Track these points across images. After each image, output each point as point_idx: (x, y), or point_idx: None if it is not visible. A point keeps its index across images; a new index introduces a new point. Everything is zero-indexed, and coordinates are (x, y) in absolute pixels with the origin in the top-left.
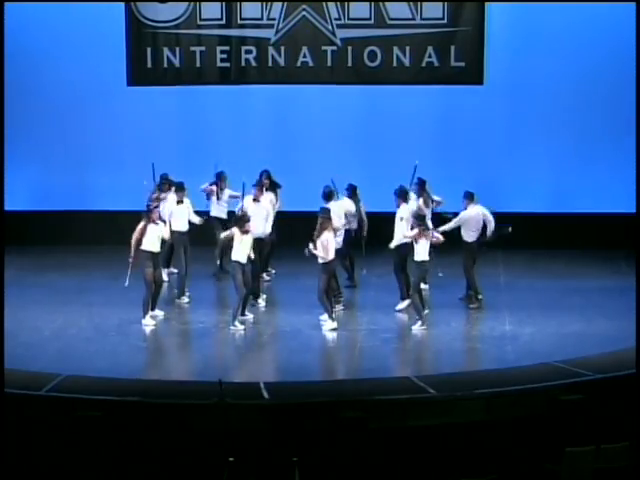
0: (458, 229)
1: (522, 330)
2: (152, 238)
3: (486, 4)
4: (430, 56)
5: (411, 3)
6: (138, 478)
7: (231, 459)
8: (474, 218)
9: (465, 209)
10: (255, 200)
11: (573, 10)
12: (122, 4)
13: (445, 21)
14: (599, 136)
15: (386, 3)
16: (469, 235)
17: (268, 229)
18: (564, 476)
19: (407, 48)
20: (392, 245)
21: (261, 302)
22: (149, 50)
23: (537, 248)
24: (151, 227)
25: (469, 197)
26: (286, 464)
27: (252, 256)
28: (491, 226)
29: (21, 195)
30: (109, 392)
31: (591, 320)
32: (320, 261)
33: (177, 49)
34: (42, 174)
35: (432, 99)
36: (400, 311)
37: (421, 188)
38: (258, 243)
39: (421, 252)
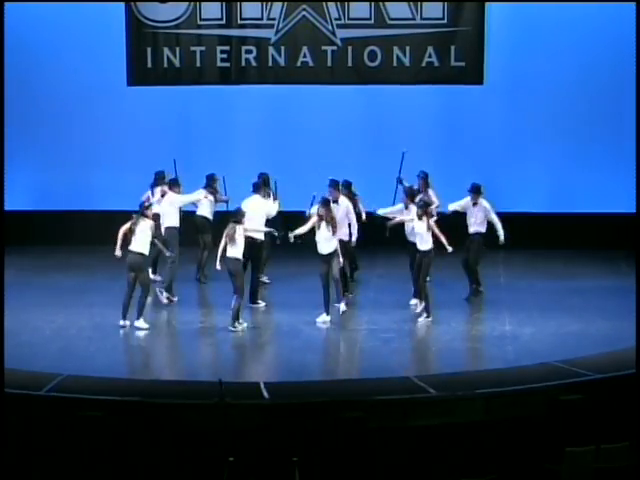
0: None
1: (522, 330)
2: (145, 241)
3: (486, 4)
4: (430, 56)
5: (411, 3)
6: (139, 478)
7: (231, 459)
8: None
9: (477, 203)
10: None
11: (573, 10)
12: (122, 4)
13: (445, 21)
14: (599, 136)
15: (386, 3)
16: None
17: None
18: (564, 476)
19: (407, 48)
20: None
21: (261, 303)
22: (149, 50)
23: (537, 248)
24: (145, 226)
25: (477, 191)
26: (286, 464)
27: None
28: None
29: (21, 195)
30: (109, 392)
31: (591, 320)
32: (327, 251)
33: (177, 49)
34: (43, 174)
35: (432, 99)
36: (415, 305)
37: (425, 181)
38: (254, 245)
39: (427, 241)
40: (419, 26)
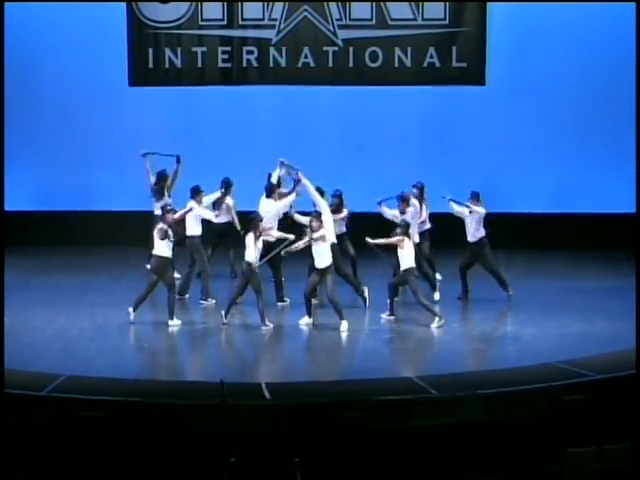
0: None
1: (523, 330)
2: (167, 243)
3: (488, 4)
4: (432, 57)
5: (413, 3)
6: (140, 478)
7: (232, 459)
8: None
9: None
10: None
11: (575, 11)
12: (124, 4)
13: (447, 22)
14: (600, 136)
15: (387, 3)
16: (482, 232)
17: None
18: (566, 477)
19: (409, 49)
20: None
21: (286, 300)
22: (151, 50)
23: (537, 248)
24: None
25: (476, 197)
26: (288, 465)
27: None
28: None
29: (22, 195)
30: (111, 392)
31: (592, 320)
32: (321, 265)
33: (178, 49)
34: (43, 174)
35: (433, 100)
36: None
37: (420, 192)
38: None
39: (407, 259)
40: (421, 27)
